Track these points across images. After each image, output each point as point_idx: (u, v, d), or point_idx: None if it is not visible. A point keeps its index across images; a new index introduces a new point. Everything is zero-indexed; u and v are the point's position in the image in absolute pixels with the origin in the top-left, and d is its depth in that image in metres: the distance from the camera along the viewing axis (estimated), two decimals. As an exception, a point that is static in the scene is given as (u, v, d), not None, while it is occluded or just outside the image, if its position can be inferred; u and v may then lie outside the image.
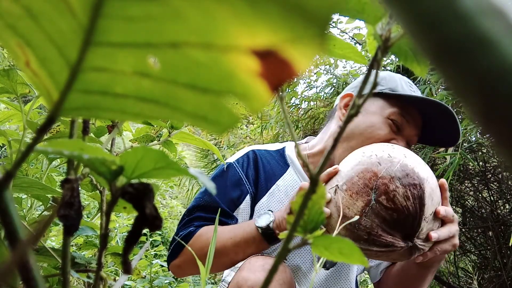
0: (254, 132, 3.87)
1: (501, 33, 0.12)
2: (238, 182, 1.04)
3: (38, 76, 0.19)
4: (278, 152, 1.12)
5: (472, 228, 2.34)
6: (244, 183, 1.04)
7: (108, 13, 0.16)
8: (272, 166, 1.08)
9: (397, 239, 0.72)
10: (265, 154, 1.10)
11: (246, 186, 1.04)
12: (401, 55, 0.29)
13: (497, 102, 0.12)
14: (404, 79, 1.01)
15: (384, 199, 0.71)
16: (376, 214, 0.71)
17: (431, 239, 0.73)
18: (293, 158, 1.10)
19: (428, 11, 0.13)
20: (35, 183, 0.47)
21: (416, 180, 0.72)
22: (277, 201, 1.05)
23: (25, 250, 0.20)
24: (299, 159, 1.09)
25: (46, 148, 0.22)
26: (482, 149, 1.97)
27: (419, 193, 0.71)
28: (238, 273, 0.88)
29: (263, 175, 1.07)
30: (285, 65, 0.15)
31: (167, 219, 3.71)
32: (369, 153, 0.78)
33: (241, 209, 1.03)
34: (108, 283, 0.36)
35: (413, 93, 0.98)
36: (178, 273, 1.02)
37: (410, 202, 0.71)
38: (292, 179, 1.07)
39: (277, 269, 0.24)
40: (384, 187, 0.72)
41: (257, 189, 1.05)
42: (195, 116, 0.19)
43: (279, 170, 1.08)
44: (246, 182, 1.04)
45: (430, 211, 0.73)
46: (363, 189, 0.73)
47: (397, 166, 0.74)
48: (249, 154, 1.09)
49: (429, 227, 0.73)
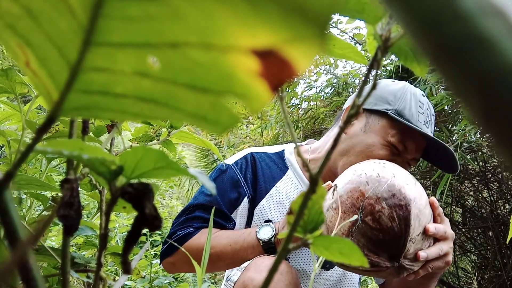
0: (254, 132, 3.87)
1: (501, 33, 0.12)
2: (236, 184, 1.04)
3: (38, 76, 0.19)
4: (277, 154, 1.12)
5: (472, 228, 2.34)
6: (242, 185, 1.04)
7: (108, 13, 0.16)
8: (271, 169, 1.08)
9: (383, 259, 0.72)
10: (264, 157, 1.10)
11: (244, 189, 1.04)
12: (401, 55, 0.29)
13: (497, 102, 0.12)
14: (417, 97, 0.97)
15: (370, 220, 0.72)
16: (362, 234, 0.72)
17: (419, 259, 0.73)
18: (292, 160, 1.10)
19: (428, 11, 0.13)
20: (33, 180, 0.47)
21: (402, 201, 0.72)
22: (276, 204, 1.04)
23: (25, 250, 0.20)
24: (299, 160, 1.10)
25: (46, 148, 0.22)
26: (482, 149, 1.97)
27: (405, 214, 0.72)
28: (244, 273, 0.88)
29: (262, 178, 1.06)
30: (285, 65, 0.15)
31: (167, 219, 3.71)
32: (360, 171, 0.79)
33: (239, 212, 1.02)
34: (107, 283, 0.36)
35: (420, 118, 0.95)
36: (171, 270, 1.02)
37: (396, 223, 0.71)
38: (291, 182, 1.07)
39: (277, 269, 0.24)
40: (370, 208, 0.72)
41: (255, 192, 1.05)
42: (195, 116, 0.19)
43: (278, 173, 1.08)
44: (244, 184, 1.04)
45: (417, 232, 0.73)
46: (351, 209, 0.74)
47: (384, 186, 0.74)
48: (248, 157, 1.09)
49: (417, 247, 0.74)
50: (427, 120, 0.97)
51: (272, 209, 1.03)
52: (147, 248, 0.40)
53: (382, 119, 0.97)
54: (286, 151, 1.12)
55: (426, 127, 0.96)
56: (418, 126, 0.94)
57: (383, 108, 0.96)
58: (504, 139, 0.12)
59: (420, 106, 0.96)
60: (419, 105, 0.97)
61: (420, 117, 0.96)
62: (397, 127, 0.94)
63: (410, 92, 0.97)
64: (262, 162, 1.08)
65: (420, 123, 0.95)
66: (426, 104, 0.99)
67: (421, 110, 0.96)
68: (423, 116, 0.96)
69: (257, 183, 1.05)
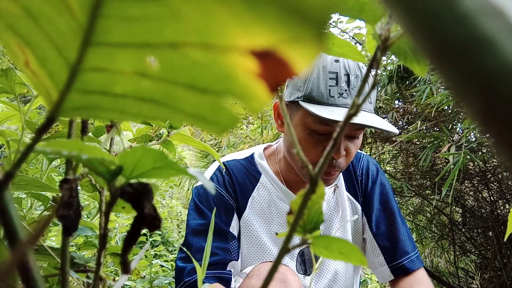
0: (254, 132, 3.87)
1: (501, 33, 0.12)
2: (222, 199, 1.00)
3: (37, 76, 0.19)
4: (247, 160, 1.08)
5: (472, 228, 2.34)
6: (227, 199, 1.01)
7: (107, 13, 0.16)
8: (244, 177, 1.05)
9: None
10: (236, 165, 1.06)
11: (230, 202, 1.01)
12: (400, 54, 0.29)
13: (497, 102, 0.12)
14: (326, 69, 0.85)
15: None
16: None
17: None
18: (264, 165, 1.07)
19: (428, 11, 0.13)
20: (34, 181, 0.47)
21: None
22: (258, 214, 1.03)
23: (24, 250, 0.20)
24: (271, 164, 1.06)
25: (45, 148, 0.22)
26: (482, 149, 1.97)
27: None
28: (247, 280, 0.87)
29: (238, 187, 1.03)
30: (284, 66, 0.15)
31: (166, 219, 3.71)
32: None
33: (232, 227, 1.00)
34: (107, 283, 0.36)
35: (333, 91, 0.84)
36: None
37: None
38: (266, 188, 1.05)
39: (277, 269, 0.24)
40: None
41: (237, 202, 1.03)
42: (194, 116, 0.19)
43: (252, 181, 1.05)
44: (228, 198, 1.01)
45: None
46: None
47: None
48: (220, 169, 1.04)
49: None
50: (343, 89, 0.86)
51: (255, 220, 1.02)
52: (147, 248, 0.40)
53: (298, 109, 0.89)
54: (255, 156, 1.09)
55: (344, 98, 0.85)
56: (331, 102, 0.85)
57: (295, 97, 0.89)
58: (504, 139, 0.12)
59: (331, 78, 0.86)
60: (330, 77, 0.86)
61: (333, 91, 0.85)
62: (311, 113, 0.84)
63: (318, 68, 0.87)
64: (235, 170, 1.05)
65: (334, 97, 0.85)
66: (340, 69, 0.87)
67: (333, 81, 0.86)
68: (336, 88, 0.85)
69: (236, 192, 1.03)
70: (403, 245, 1.04)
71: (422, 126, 2.06)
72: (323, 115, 0.81)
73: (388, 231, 1.06)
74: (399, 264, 1.03)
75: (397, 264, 1.04)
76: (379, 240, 1.06)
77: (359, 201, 1.09)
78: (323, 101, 0.85)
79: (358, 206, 1.09)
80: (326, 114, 0.81)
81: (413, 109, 2.20)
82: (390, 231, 1.06)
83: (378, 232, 1.06)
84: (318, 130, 0.86)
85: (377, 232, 1.06)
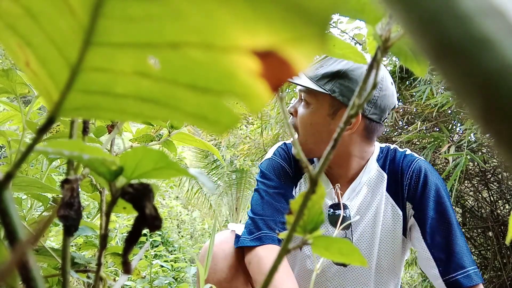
0: (254, 132, 3.87)
1: (501, 33, 0.12)
2: (285, 171, 1.13)
3: (38, 76, 0.19)
4: None
5: (472, 228, 2.34)
6: (288, 172, 1.14)
7: (108, 13, 0.16)
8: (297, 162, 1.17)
9: None
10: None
11: (291, 175, 1.14)
12: (401, 55, 0.29)
13: (497, 103, 0.12)
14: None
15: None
16: None
17: None
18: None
19: (428, 11, 0.13)
20: (34, 182, 0.47)
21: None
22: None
23: (25, 250, 0.20)
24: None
25: (46, 148, 0.22)
26: (482, 149, 1.97)
27: None
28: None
29: (295, 167, 1.15)
30: (285, 65, 0.15)
31: (166, 219, 3.71)
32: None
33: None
34: (107, 283, 0.36)
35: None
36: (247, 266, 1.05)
37: None
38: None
39: (277, 269, 0.24)
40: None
41: (292, 180, 1.15)
42: (195, 116, 0.19)
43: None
44: (289, 171, 1.14)
45: None
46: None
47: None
48: (282, 146, 1.19)
49: None
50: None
51: None
52: (147, 248, 0.40)
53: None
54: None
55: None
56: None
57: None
58: (504, 139, 0.12)
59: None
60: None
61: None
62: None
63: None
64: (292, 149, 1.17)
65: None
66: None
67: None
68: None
69: (292, 170, 1.15)
70: (459, 258, 0.98)
71: (422, 126, 2.06)
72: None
73: (444, 243, 1.00)
74: (453, 279, 0.97)
75: (450, 278, 0.97)
76: (434, 251, 1.00)
77: (401, 205, 1.06)
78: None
79: (399, 210, 1.05)
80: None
81: (413, 109, 2.21)
82: (446, 242, 1.00)
83: (434, 243, 1.00)
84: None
85: (432, 243, 1.00)
